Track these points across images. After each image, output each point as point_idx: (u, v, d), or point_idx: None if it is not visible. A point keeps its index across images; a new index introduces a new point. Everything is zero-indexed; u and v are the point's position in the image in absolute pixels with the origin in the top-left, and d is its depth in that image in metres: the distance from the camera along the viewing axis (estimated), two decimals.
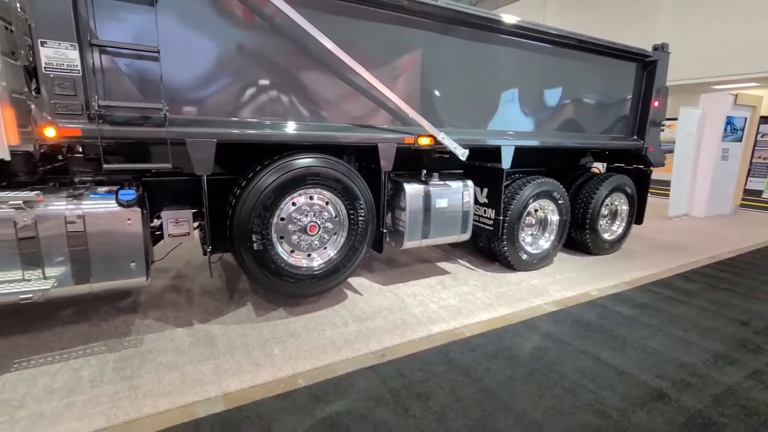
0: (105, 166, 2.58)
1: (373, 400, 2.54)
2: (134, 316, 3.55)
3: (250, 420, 2.35)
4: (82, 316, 3.48)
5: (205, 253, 3.90)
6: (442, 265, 5.17)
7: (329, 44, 3.09)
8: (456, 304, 4.00)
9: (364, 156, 4.08)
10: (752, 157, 11.01)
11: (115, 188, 2.91)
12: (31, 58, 2.84)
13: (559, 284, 4.61)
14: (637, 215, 6.00)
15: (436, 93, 3.95)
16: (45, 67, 2.38)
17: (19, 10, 2.78)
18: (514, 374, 2.87)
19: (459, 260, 5.37)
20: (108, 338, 3.16)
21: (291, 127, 3.22)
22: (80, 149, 3.36)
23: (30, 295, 2.48)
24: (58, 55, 2.39)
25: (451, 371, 2.88)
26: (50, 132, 2.42)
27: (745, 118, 9.15)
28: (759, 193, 12.38)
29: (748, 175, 11.95)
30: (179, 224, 3.52)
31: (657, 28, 13.83)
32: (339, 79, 3.36)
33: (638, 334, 3.52)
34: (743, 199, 10.37)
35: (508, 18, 4.11)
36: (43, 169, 3.13)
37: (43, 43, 2.35)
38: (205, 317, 3.56)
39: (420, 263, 5.20)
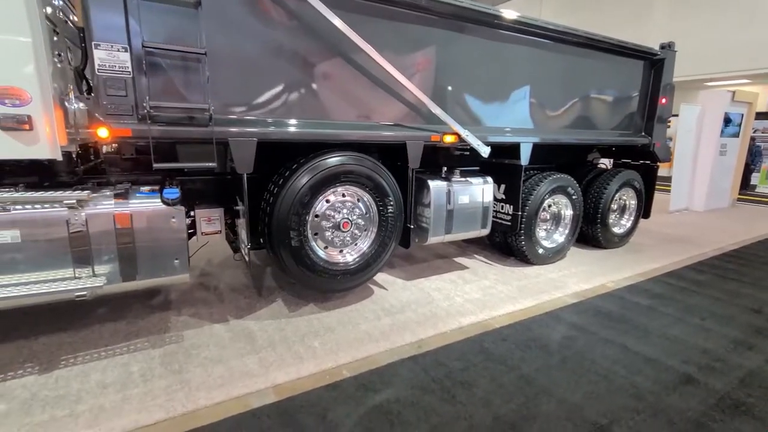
0: (155, 165, 2.64)
1: (419, 389, 2.64)
2: (169, 313, 3.61)
3: (305, 409, 2.43)
4: (118, 314, 3.52)
5: (235, 251, 3.99)
6: (460, 260, 5.28)
7: (364, 45, 3.17)
8: (480, 297, 4.11)
9: (386, 154, 4.16)
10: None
11: (156, 187, 2.98)
12: (73, 61, 2.89)
13: (575, 277, 4.75)
14: (644, 209, 6.17)
15: (459, 92, 4.05)
16: (98, 69, 2.43)
17: (60, 13, 2.83)
18: (547, 362, 2.99)
19: (475, 255, 5.48)
20: (148, 335, 3.22)
21: (326, 126, 3.31)
22: (114, 149, 3.43)
23: (85, 293, 2.54)
24: (111, 57, 2.45)
25: (488, 360, 2.98)
26: (103, 132, 2.48)
27: (742, 114, 9.40)
28: (753, 187, 12.69)
29: (751, 172, 12.27)
30: (211, 222, 3.60)
31: (653, 26, 14.10)
32: (370, 80, 3.44)
33: (658, 323, 3.66)
34: (740, 194, 10.66)
35: (526, 18, 4.22)
36: (80, 169, 3.17)
37: (96, 46, 2.40)
38: (239, 313, 3.63)
39: (438, 259, 5.31)
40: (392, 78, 3.41)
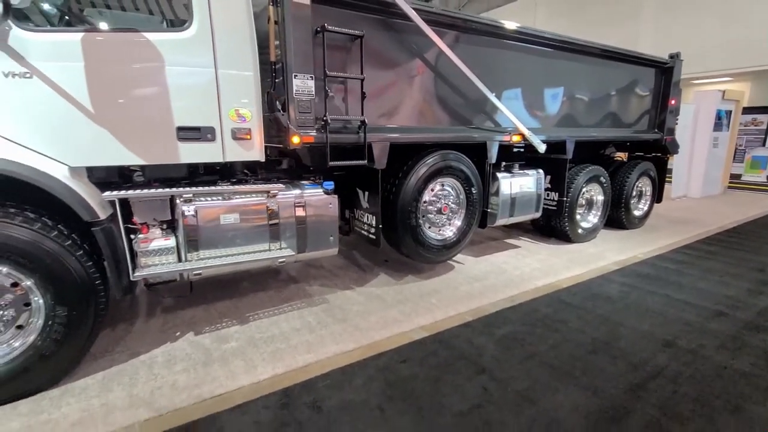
0: (330, 163, 3.48)
1: (529, 325, 3.55)
2: (301, 284, 4.45)
3: (454, 338, 3.32)
4: (262, 286, 4.35)
5: (346, 234, 4.84)
6: (509, 241, 6.22)
7: (465, 69, 4.08)
8: (541, 267, 5.05)
9: (460, 151, 5.07)
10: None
11: (312, 180, 3.83)
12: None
13: (611, 251, 5.72)
14: (657, 195, 7.21)
15: (520, 101, 4.99)
16: (295, 93, 3.27)
17: None
18: (614, 308, 3.93)
19: (520, 237, 6.43)
20: (299, 299, 4.06)
21: (432, 131, 4.21)
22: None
23: (284, 260, 3.39)
24: (303, 84, 3.29)
25: (570, 307, 3.91)
26: (296, 140, 3.32)
27: (731, 111, 10.57)
28: (739, 176, 13.96)
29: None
30: None
31: (639, 29, 15.29)
32: (461, 96, 4.35)
33: (688, 280, 4.64)
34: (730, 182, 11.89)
35: (572, 38, 5.18)
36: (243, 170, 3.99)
37: (295, 76, 3.24)
38: (358, 283, 4.48)
39: (491, 240, 6.23)
40: (480, 93, 4.32)
